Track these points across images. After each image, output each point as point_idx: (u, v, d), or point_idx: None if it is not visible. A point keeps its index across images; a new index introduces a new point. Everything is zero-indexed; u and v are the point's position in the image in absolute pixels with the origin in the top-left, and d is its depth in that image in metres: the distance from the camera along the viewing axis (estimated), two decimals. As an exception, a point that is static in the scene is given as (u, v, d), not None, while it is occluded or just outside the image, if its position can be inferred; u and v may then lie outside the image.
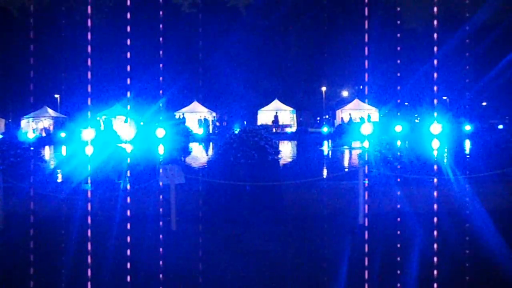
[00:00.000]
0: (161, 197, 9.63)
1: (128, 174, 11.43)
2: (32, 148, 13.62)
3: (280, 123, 48.29)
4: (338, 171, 16.19)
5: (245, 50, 55.15)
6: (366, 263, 6.23)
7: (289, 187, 10.72)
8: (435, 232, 7.43)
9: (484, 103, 51.65)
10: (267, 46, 56.20)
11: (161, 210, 9.19)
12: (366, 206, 9.17)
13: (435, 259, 6.15)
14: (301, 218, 9.45)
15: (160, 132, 14.41)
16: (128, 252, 7.09)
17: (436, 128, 8.26)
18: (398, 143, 12.99)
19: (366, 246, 7.32)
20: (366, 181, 9.78)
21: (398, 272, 6.20)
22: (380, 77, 50.65)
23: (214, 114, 50.48)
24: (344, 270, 6.58)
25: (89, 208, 9.71)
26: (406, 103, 47.78)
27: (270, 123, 47.65)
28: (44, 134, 43.43)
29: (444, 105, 45.18)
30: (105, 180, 11.10)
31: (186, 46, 54.48)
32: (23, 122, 46.46)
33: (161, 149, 14.43)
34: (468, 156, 12.60)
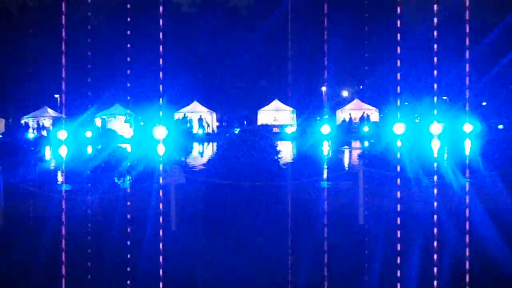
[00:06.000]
0: (161, 197, 9.62)
1: (128, 174, 11.41)
2: (32, 148, 13.60)
3: (280, 123, 48.25)
4: (338, 172, 16.15)
5: (245, 50, 55.07)
6: (365, 262, 6.23)
7: (289, 187, 10.70)
8: (429, 233, 7.41)
9: (484, 103, 51.62)
10: (267, 46, 56.14)
11: (161, 210, 9.17)
12: (365, 206, 9.17)
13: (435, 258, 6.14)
14: (301, 217, 9.43)
15: (161, 132, 14.33)
16: (128, 252, 7.08)
17: (436, 128, 8.17)
18: (399, 143, 12.94)
19: (365, 245, 7.32)
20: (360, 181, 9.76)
21: (397, 272, 6.18)
22: (380, 76, 50.60)
23: (214, 114, 50.45)
24: (344, 269, 6.58)
25: (89, 207, 9.71)
26: (406, 103, 47.74)
27: (270, 123, 47.59)
28: (45, 134, 43.34)
29: (445, 105, 45.13)
30: (105, 180, 11.09)
31: (186, 46, 54.42)
32: (28, 122, 46.39)
33: (161, 149, 14.39)
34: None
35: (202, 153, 29.53)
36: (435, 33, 5.34)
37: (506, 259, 6.81)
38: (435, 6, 5.21)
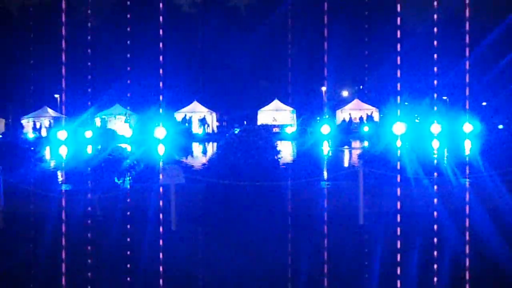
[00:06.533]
0: (161, 196, 9.63)
1: (128, 174, 11.41)
2: (32, 148, 13.58)
3: (280, 123, 48.24)
4: (338, 172, 16.16)
5: (245, 50, 55.08)
6: (364, 261, 6.22)
7: (289, 187, 10.70)
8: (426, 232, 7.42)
9: (484, 103, 51.63)
10: (267, 46, 56.18)
11: (161, 210, 9.19)
12: (365, 206, 9.17)
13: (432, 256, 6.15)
14: (301, 217, 9.44)
15: (161, 132, 14.35)
16: (128, 252, 7.09)
17: (437, 128, 8.23)
18: (399, 143, 12.96)
19: (364, 245, 7.32)
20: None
21: (396, 271, 6.19)
22: (380, 77, 50.58)
23: (214, 114, 50.43)
24: (343, 269, 6.58)
25: (89, 207, 9.72)
26: (406, 103, 47.72)
27: (270, 123, 47.56)
28: (45, 134, 43.32)
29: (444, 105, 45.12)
30: (105, 180, 11.09)
31: (187, 46, 54.44)
32: (23, 122, 46.37)
33: (161, 149, 14.42)
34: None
35: (202, 153, 29.53)
36: (435, 31, 5.35)
37: (506, 259, 6.82)
38: (435, 7, 5.22)
